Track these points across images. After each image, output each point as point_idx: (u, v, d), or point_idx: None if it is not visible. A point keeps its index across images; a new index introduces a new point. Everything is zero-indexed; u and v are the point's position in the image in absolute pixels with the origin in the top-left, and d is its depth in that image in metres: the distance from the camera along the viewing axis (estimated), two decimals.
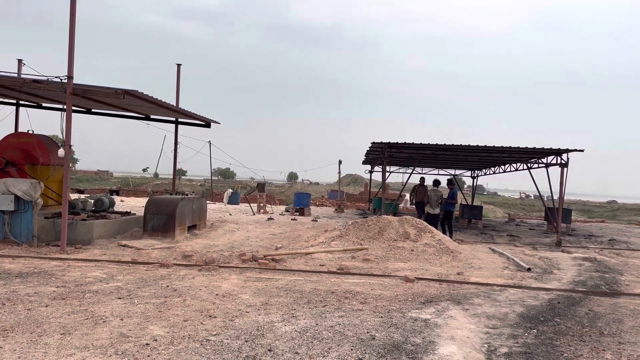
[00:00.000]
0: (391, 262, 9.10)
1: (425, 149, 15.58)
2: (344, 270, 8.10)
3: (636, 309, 6.29)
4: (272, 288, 6.72)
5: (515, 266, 9.55)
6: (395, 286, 7.18)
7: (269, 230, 13.96)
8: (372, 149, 17.85)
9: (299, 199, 20.01)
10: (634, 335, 5.17)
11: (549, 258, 11.08)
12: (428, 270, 8.52)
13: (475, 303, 6.32)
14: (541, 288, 7.53)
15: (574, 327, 5.37)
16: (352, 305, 5.95)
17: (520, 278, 8.34)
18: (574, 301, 6.70)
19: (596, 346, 4.74)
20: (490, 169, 23.08)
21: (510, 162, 19.08)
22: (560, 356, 4.45)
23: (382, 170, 16.09)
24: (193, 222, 12.15)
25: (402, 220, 11.18)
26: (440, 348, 4.44)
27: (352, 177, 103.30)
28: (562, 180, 14.38)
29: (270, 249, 10.33)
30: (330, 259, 9.20)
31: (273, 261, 8.63)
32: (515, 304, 6.39)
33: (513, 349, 4.57)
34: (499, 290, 7.20)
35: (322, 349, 4.32)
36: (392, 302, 6.19)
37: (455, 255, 9.80)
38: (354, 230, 10.75)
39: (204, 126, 14.36)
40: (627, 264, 10.74)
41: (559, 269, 9.62)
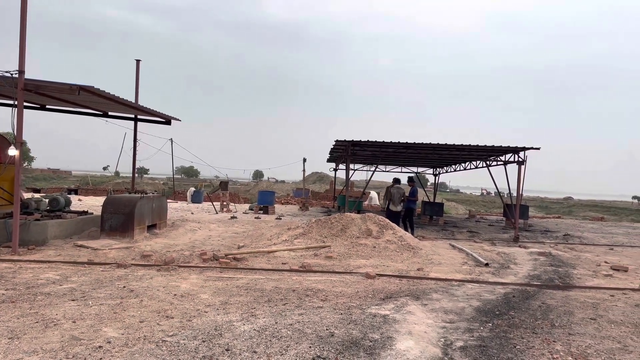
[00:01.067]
0: (353, 259, 9.16)
1: (388, 147, 15.75)
2: (306, 268, 8.10)
3: (586, 301, 6.53)
4: (232, 287, 6.65)
5: (474, 261, 9.76)
6: (356, 283, 7.22)
7: (231, 229, 13.82)
8: (336, 147, 17.92)
9: (263, 197, 19.89)
10: (583, 326, 5.36)
11: (506, 253, 11.39)
12: (389, 267, 8.62)
13: (433, 298, 6.43)
14: (498, 282, 7.72)
15: (528, 320, 5.53)
16: (312, 302, 5.95)
17: (478, 273, 8.54)
18: (529, 295, 6.90)
19: (547, 338, 4.89)
20: (451, 166, 23.54)
21: (470, 160, 19.50)
22: (513, 348, 4.56)
23: (346, 168, 16.18)
24: (153, 221, 11.91)
25: (365, 217, 11.27)
26: (397, 343, 4.49)
27: (318, 175, 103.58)
28: (519, 177, 14.79)
29: (232, 247, 10.23)
30: (293, 257, 9.18)
31: (234, 260, 8.54)
32: (472, 298, 6.53)
33: (468, 342, 4.67)
34: (457, 286, 7.34)
35: (280, 347, 4.30)
36: (352, 298, 6.22)
37: (416, 251, 9.95)
38: (317, 228, 10.77)
39: (164, 123, 14.08)
40: (580, 258, 11.14)
41: (516, 264, 9.89)
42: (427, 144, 14.87)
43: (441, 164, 23.78)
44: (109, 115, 13.57)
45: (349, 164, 16.12)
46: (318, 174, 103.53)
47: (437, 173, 26.93)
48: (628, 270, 9.46)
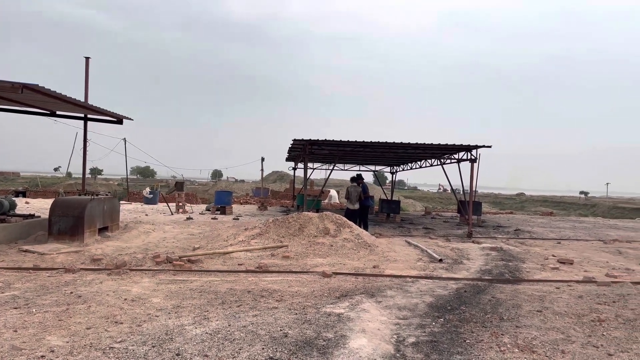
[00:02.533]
0: (310, 258, 9.16)
1: (345, 145, 15.84)
2: (263, 268, 8.04)
3: (533, 294, 6.76)
4: (185, 290, 6.52)
5: (428, 258, 9.95)
6: (312, 282, 7.23)
7: (187, 230, 13.57)
8: (294, 146, 17.88)
9: (220, 198, 19.62)
10: (529, 319, 5.54)
11: (460, 249, 11.66)
12: (346, 265, 8.67)
13: (388, 295, 6.51)
14: (450, 278, 7.90)
15: (478, 314, 5.67)
16: (267, 303, 5.91)
17: (432, 269, 8.70)
18: (480, 289, 7.09)
19: (496, 331, 5.03)
20: (407, 164, 23.93)
21: (426, 158, 19.88)
22: (463, 342, 4.67)
23: (304, 167, 16.18)
24: (104, 223, 11.55)
25: (323, 216, 11.29)
26: (351, 342, 4.52)
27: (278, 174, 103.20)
28: (472, 174, 15.18)
29: (187, 249, 10.04)
30: (249, 257, 9.09)
31: (189, 262, 8.39)
32: (425, 294, 6.65)
33: (420, 338, 4.75)
34: (412, 282, 7.46)
35: (232, 350, 4.25)
36: (308, 298, 6.22)
37: (373, 249, 10.05)
38: (275, 228, 10.71)
39: (116, 122, 13.67)
40: (529, 252, 11.53)
41: (469, 259, 10.14)
42: (384, 142, 15.05)
43: (398, 162, 24.14)
44: (58, 115, 13.05)
45: (307, 163, 16.12)
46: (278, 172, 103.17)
47: (395, 171, 27.31)
48: (573, 263, 9.87)
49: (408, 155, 18.84)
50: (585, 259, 10.66)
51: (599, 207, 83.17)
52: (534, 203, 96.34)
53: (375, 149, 16.40)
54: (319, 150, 17.28)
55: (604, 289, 7.21)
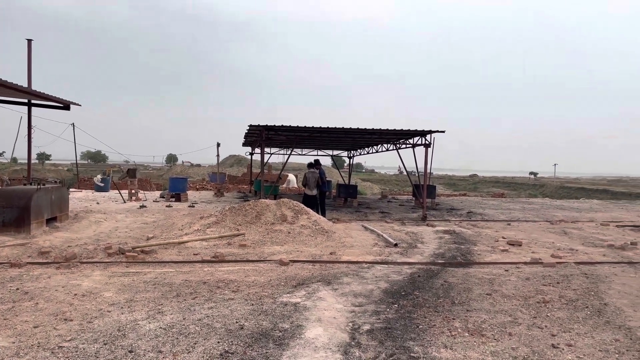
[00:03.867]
0: (268, 246, 9.14)
1: (302, 131, 15.80)
2: (219, 258, 7.96)
3: (484, 277, 7.00)
4: (139, 283, 6.39)
5: (384, 242, 10.12)
6: (269, 271, 7.22)
7: (140, 219, 13.25)
8: (250, 132, 17.68)
9: (175, 184, 19.20)
10: (479, 302, 5.74)
11: (414, 233, 11.91)
12: (303, 252, 8.70)
13: (344, 282, 6.58)
14: (405, 263, 8.07)
15: (431, 299, 5.83)
16: (224, 294, 5.87)
17: (387, 254, 8.86)
18: (433, 273, 7.27)
19: (447, 316, 5.19)
20: (364, 149, 24.13)
21: (381, 143, 20.09)
22: (416, 328, 4.79)
23: (261, 154, 16.04)
24: (53, 214, 11.12)
25: (280, 203, 11.26)
26: (307, 332, 4.56)
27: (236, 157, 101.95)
28: (426, 159, 15.48)
29: (141, 239, 9.82)
30: (205, 247, 8.98)
31: (142, 253, 8.21)
32: (380, 280, 6.77)
33: (375, 325, 4.84)
34: (367, 268, 7.58)
35: (187, 344, 4.20)
36: (264, 287, 6.22)
37: (330, 235, 10.12)
38: (231, 216, 10.61)
39: (62, 108, 13.10)
40: (481, 234, 11.91)
41: (423, 243, 10.38)
42: (340, 128, 15.10)
43: (355, 147, 24.31)
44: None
45: (263, 149, 15.98)
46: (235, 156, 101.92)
47: (352, 155, 27.51)
48: (522, 244, 10.27)
49: (365, 140, 18.99)
50: (533, 240, 11.11)
51: (547, 187, 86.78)
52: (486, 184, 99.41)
53: (332, 134, 16.44)
54: (275, 136, 17.16)
55: (550, 270, 7.55)
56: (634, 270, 7.78)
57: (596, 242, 10.94)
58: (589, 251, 9.70)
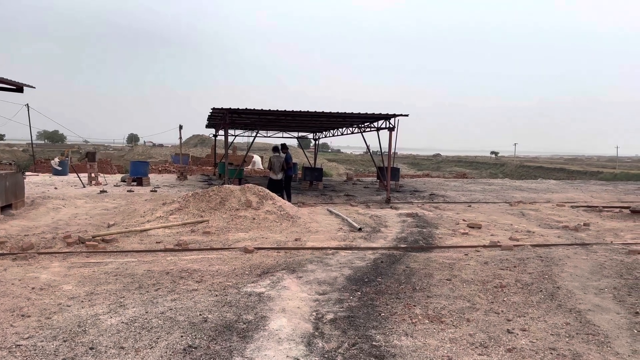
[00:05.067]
0: (232, 232, 9.10)
1: (267, 114, 15.66)
2: (182, 246, 7.89)
3: (444, 262, 7.19)
4: (100, 274, 6.27)
5: (348, 227, 10.23)
6: (234, 259, 7.21)
7: (101, 204, 12.95)
8: (213, 114, 17.40)
9: (136, 168, 18.76)
10: (439, 287, 5.91)
11: (378, 216, 12.09)
12: (268, 239, 8.71)
13: (308, 269, 6.64)
14: (369, 248, 8.19)
15: (393, 285, 5.95)
16: (187, 285, 5.83)
17: (351, 239, 8.97)
18: (395, 259, 7.42)
19: (409, 302, 5.32)
20: (330, 131, 24.15)
21: (346, 126, 20.16)
22: (378, 316, 4.90)
23: (225, 137, 15.81)
24: (7, 201, 10.74)
25: (245, 188, 11.19)
26: (271, 323, 4.60)
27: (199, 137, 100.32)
28: (390, 142, 15.63)
29: (102, 227, 9.61)
30: (168, 234, 8.87)
31: (103, 242, 8.05)
32: (344, 266, 6.86)
33: (338, 314, 4.92)
34: (332, 254, 7.66)
35: (150, 339, 4.18)
36: (229, 277, 6.21)
37: (295, 220, 10.15)
38: (195, 202, 10.49)
39: (15, 90, 12.52)
40: (442, 217, 12.19)
41: (386, 227, 10.55)
42: (306, 112, 15.04)
43: (320, 129, 24.29)
44: None
45: (227, 132, 15.76)
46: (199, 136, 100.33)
47: (317, 137, 27.50)
48: (481, 227, 10.58)
49: (330, 123, 18.99)
50: (493, 222, 11.46)
51: (507, 166, 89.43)
52: (449, 163, 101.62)
53: (297, 117, 16.37)
54: (239, 119, 16.95)
55: (507, 254, 7.82)
56: (586, 252, 8.14)
57: (552, 223, 11.37)
58: (544, 233, 10.08)
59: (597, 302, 5.42)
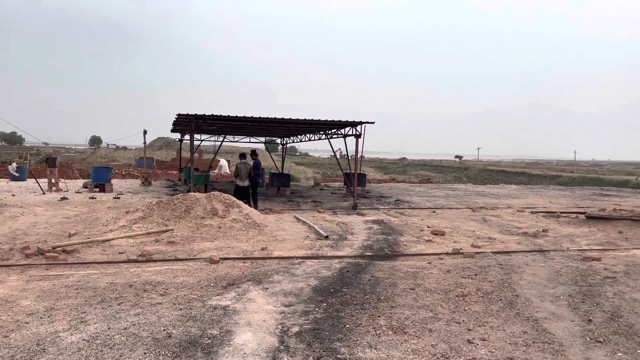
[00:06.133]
0: (198, 242, 9.02)
1: (234, 120, 15.59)
2: (146, 256, 7.77)
3: (408, 271, 7.31)
4: (60, 288, 6.12)
5: (315, 234, 10.29)
6: (199, 270, 7.15)
7: (62, 212, 12.61)
8: (179, 120, 17.19)
9: (99, 174, 18.32)
10: (403, 297, 6.02)
11: (345, 223, 12.19)
12: (234, 248, 8.67)
13: (275, 280, 6.65)
14: (335, 256, 8.26)
15: (358, 296, 6.03)
16: (151, 298, 5.76)
17: (318, 247, 9.02)
18: (361, 268, 7.50)
19: (373, 313, 5.40)
20: (297, 137, 24.21)
21: (313, 132, 20.26)
22: (343, 328, 4.96)
23: (190, 143, 15.65)
24: None
25: (210, 196, 11.10)
26: (236, 337, 4.59)
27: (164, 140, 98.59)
28: (357, 149, 15.80)
29: (62, 237, 9.37)
30: (131, 244, 8.72)
31: (64, 253, 7.86)
32: (310, 276, 6.90)
33: (304, 327, 4.95)
34: (298, 263, 7.69)
35: (112, 357, 4.11)
36: (194, 289, 6.16)
37: (262, 228, 10.14)
38: (159, 210, 10.34)
39: None
40: (407, 223, 12.40)
41: (353, 234, 10.66)
42: (273, 118, 15.05)
43: (288, 134, 24.31)
44: None
45: (193, 139, 15.59)
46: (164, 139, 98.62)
47: (285, 143, 27.51)
48: (445, 233, 10.81)
49: (297, 129, 19.05)
50: (456, 228, 11.73)
51: (471, 170, 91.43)
52: (415, 167, 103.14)
53: (264, 124, 16.35)
54: (206, 125, 16.80)
55: (469, 261, 8.02)
56: (544, 258, 8.43)
57: (512, 229, 11.72)
58: (505, 239, 10.38)
59: (553, 310, 5.63)
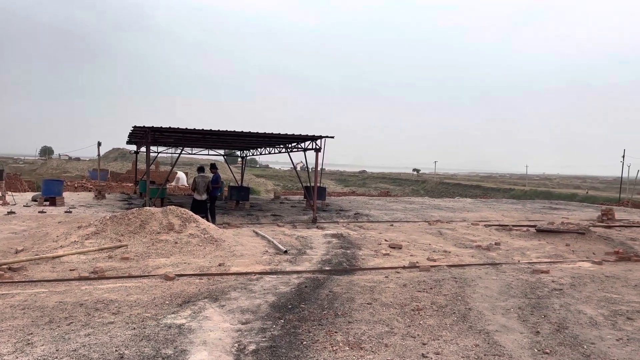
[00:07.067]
0: (153, 258, 8.82)
1: (192, 133, 15.40)
2: (99, 273, 7.54)
3: (365, 285, 7.39)
4: (5, 308, 5.86)
5: (274, 249, 10.25)
6: (154, 287, 6.99)
7: (8, 227, 12.06)
8: (134, 132, 16.83)
9: (49, 187, 17.63)
10: (360, 312, 6.07)
11: (304, 237, 12.20)
12: (191, 264, 8.52)
13: (232, 297, 6.58)
14: (294, 271, 8.25)
15: (316, 312, 6.04)
16: (103, 318, 5.59)
17: (277, 262, 8.99)
18: (319, 283, 7.52)
19: (330, 329, 5.42)
20: (257, 149, 24.13)
21: (273, 145, 20.26)
22: (300, 344, 4.96)
23: (147, 155, 15.33)
24: None
25: (167, 210, 10.89)
26: (191, 357, 4.52)
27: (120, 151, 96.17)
28: (317, 162, 15.90)
29: (9, 253, 8.97)
30: (83, 261, 8.44)
31: (10, 271, 7.52)
32: (268, 293, 6.86)
33: (260, 344, 4.92)
34: (256, 280, 7.63)
35: None
36: (148, 308, 6.02)
37: (219, 243, 10.01)
38: (113, 225, 10.06)
39: None
40: (366, 237, 12.52)
41: (312, 248, 10.68)
42: (232, 131, 14.97)
43: (248, 147, 24.20)
44: None
45: (149, 151, 15.27)
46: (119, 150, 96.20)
47: (245, 156, 27.35)
48: (402, 247, 10.99)
49: (258, 142, 19.00)
50: (412, 241, 11.94)
51: (428, 183, 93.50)
52: (374, 180, 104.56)
53: (222, 137, 16.23)
54: (162, 138, 16.53)
55: (425, 275, 8.18)
56: (496, 271, 8.70)
57: (466, 243, 12.03)
58: (460, 252, 10.65)
59: (504, 323, 5.81)
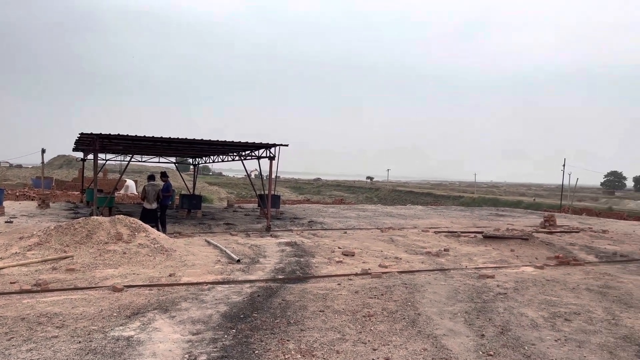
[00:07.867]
0: (100, 269, 8.55)
1: (141, 140, 15.06)
2: (42, 286, 7.25)
3: (318, 293, 7.45)
4: None
5: (227, 258, 10.15)
6: (101, 299, 6.79)
7: None
8: (81, 139, 16.29)
9: None
10: (313, 320, 6.12)
11: (258, 245, 12.14)
12: (140, 275, 8.33)
13: (182, 308, 6.49)
14: (246, 281, 8.21)
15: (268, 321, 6.04)
16: (46, 332, 5.38)
17: (229, 272, 8.91)
18: (272, 292, 7.52)
19: (283, 337, 5.44)
20: (210, 157, 23.83)
21: (226, 153, 20.08)
22: (252, 354, 4.95)
23: (94, 163, 14.85)
24: None
25: (115, 220, 10.60)
26: None
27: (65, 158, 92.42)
28: (270, 171, 15.89)
29: None
30: (25, 273, 8.09)
31: None
32: (220, 302, 6.81)
33: (211, 355, 4.88)
34: (208, 290, 7.55)
35: None
36: (95, 320, 5.84)
37: (170, 253, 9.83)
38: (57, 235, 9.69)
39: None
40: (319, 244, 12.60)
41: (265, 257, 10.65)
42: (184, 139, 14.75)
43: (200, 155, 23.87)
44: None
45: (97, 159, 14.80)
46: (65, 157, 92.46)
47: (197, 163, 26.94)
48: (355, 254, 11.13)
49: (211, 149, 18.79)
50: (365, 249, 12.11)
51: (381, 191, 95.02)
52: (329, 188, 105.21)
53: (173, 144, 15.97)
54: (111, 145, 16.08)
55: (376, 282, 8.33)
56: (444, 277, 8.97)
57: (417, 249, 12.32)
58: (410, 259, 10.89)
59: (451, 327, 6.01)
